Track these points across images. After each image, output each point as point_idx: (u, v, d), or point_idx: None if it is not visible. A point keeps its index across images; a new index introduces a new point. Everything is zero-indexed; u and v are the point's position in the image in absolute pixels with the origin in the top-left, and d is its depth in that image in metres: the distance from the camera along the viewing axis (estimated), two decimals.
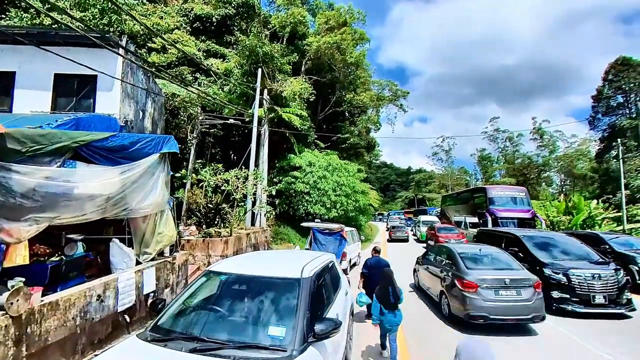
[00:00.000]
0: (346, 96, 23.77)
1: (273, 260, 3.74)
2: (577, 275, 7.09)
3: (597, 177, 46.73)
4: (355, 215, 19.31)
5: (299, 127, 17.35)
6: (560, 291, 7.06)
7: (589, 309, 6.82)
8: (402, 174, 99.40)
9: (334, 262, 4.37)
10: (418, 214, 44.41)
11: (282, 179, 17.75)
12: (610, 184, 40.66)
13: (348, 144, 25.65)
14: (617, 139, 42.99)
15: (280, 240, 16.26)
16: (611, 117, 46.60)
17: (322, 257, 3.94)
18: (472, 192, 21.70)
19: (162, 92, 14.57)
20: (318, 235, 10.91)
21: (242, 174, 10.53)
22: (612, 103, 46.54)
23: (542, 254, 7.97)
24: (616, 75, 45.72)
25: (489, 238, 10.60)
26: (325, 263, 3.86)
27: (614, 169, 40.38)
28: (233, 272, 3.15)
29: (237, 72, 19.16)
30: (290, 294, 2.84)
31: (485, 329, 5.78)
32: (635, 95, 44.89)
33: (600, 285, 6.93)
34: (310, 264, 3.32)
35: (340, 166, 18.87)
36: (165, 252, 6.86)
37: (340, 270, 4.57)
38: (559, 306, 6.97)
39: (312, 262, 3.45)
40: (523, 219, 15.91)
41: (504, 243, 9.25)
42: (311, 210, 17.05)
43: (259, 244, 12.88)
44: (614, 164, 40.78)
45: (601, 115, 48.10)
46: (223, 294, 3.05)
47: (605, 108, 47.14)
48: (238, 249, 10.95)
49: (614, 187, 39.49)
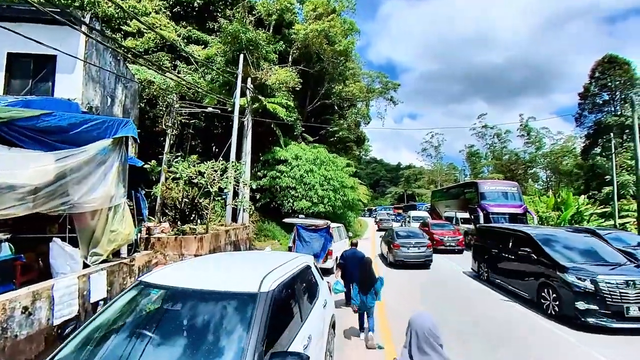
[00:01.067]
0: (335, 88, 22.97)
1: (229, 267, 2.95)
2: (607, 282, 5.97)
3: (582, 173, 47.37)
4: (343, 211, 18.59)
5: (285, 118, 16.51)
6: (586, 301, 5.94)
7: (623, 324, 5.73)
8: (392, 169, 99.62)
9: (310, 265, 3.64)
10: (407, 209, 44.20)
11: (267, 173, 16.91)
12: (595, 180, 41.21)
13: (337, 138, 24.90)
14: (602, 136, 43.72)
15: (264, 237, 15.47)
16: (597, 115, 47.17)
17: (293, 262, 3.20)
18: (463, 186, 21.23)
19: (135, 79, 13.50)
20: (302, 232, 10.18)
21: (219, 166, 9.66)
22: (598, 100, 47.06)
23: (561, 256, 6.85)
24: (603, 73, 46.18)
25: (492, 236, 9.65)
26: (298, 269, 3.11)
27: (599, 165, 40.95)
28: (170, 285, 2.38)
29: (220, 60, 18.14)
30: (242, 315, 2.10)
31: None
32: (621, 93, 45.43)
33: (635, 294, 5.82)
34: (275, 272, 2.58)
35: (328, 160, 18.11)
36: (123, 253, 6.02)
37: (318, 276, 3.85)
38: (586, 320, 5.86)
39: (278, 269, 2.71)
40: (515, 214, 15.54)
41: (512, 242, 8.31)
42: (297, 205, 16.28)
43: (239, 241, 12.07)
44: (599, 160, 41.32)
45: (587, 112, 48.65)
46: (153, 315, 2.27)
47: (591, 105, 47.69)
48: (215, 247, 10.13)
49: (598, 183, 40.04)
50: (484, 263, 9.81)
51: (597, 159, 41.72)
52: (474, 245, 11.03)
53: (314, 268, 3.79)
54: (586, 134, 47.53)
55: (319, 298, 3.42)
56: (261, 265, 2.83)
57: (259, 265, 2.83)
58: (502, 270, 8.67)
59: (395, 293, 8.36)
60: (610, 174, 38.05)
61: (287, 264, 3.00)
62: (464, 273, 11.15)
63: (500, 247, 8.87)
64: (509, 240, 8.50)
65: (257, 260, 3.33)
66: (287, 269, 2.84)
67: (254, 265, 2.92)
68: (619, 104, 45.56)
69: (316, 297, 3.40)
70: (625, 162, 36.27)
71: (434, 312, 6.62)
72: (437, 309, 7.09)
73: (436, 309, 7.15)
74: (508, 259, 8.40)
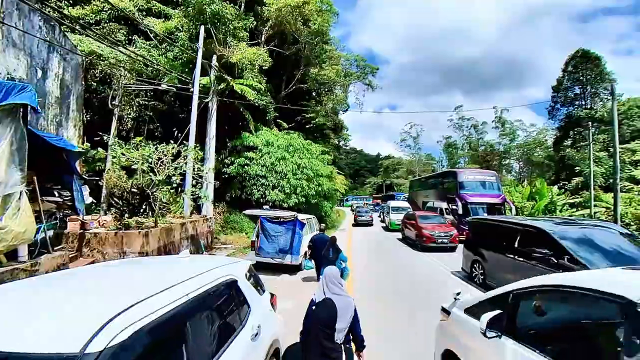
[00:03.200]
0: (311, 71, 21.67)
1: (69, 297, 1.71)
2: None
3: (553, 164, 48.85)
4: (318, 200, 17.59)
5: (254, 100, 15.19)
6: None
7: None
8: (372, 160, 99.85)
9: (237, 279, 2.58)
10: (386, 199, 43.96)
11: (235, 160, 15.61)
12: (565, 171, 42.51)
13: (313, 125, 23.72)
14: (573, 129, 45.00)
15: (231, 230, 14.30)
16: (569, 108, 48.44)
17: (205, 277, 2.15)
18: (441, 176, 20.68)
19: (78, 50, 11.74)
20: (267, 225, 9.13)
21: (168, 150, 8.36)
22: (570, 94, 48.26)
23: (591, 259, 5.12)
24: (575, 67, 47.27)
25: (490, 231, 8.01)
26: (204, 290, 2.05)
27: (570, 156, 42.19)
28: None
29: (183, 36, 16.44)
30: None
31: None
32: (591, 87, 46.72)
33: None
34: (140, 307, 1.52)
35: (302, 147, 17.00)
36: (22, 255, 4.75)
37: (253, 292, 2.81)
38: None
39: (155, 299, 1.65)
40: (493, 204, 15.13)
41: (519, 240, 6.61)
42: (268, 195, 15.15)
43: (199, 235, 10.87)
44: (569, 152, 42.55)
45: (560, 105, 49.90)
46: None
47: (563, 98, 48.86)
48: (167, 243, 8.91)
49: (568, 174, 41.33)
50: (478, 264, 8.25)
51: (567, 150, 42.93)
52: (465, 242, 9.39)
53: (246, 281, 2.75)
54: (558, 127, 48.84)
55: (245, 325, 2.41)
56: (138, 289, 1.73)
57: (130, 291, 1.74)
58: (503, 274, 6.81)
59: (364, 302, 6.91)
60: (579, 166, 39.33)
61: (185, 284, 1.95)
62: (453, 274, 9.47)
63: (502, 245, 7.19)
64: (513, 237, 6.80)
65: (143, 277, 2.20)
66: (177, 294, 1.79)
67: (123, 290, 1.81)
68: (590, 97, 46.93)
69: (242, 325, 2.39)
70: (594, 154, 37.43)
71: (410, 328, 5.32)
72: (414, 323, 5.47)
73: (414, 322, 5.56)
74: (513, 260, 6.67)
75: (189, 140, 11.64)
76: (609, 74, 45.51)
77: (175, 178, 8.10)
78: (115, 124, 11.44)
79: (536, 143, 55.21)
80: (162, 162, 8.17)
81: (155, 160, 8.00)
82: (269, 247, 8.97)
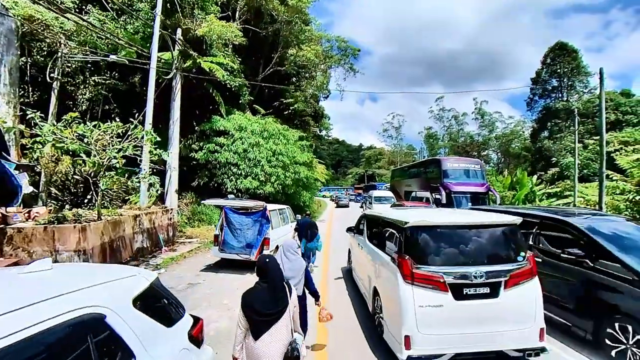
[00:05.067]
0: (290, 52, 20.28)
1: None
2: None
3: (530, 155, 49.82)
4: (296, 190, 16.51)
5: (224, 80, 13.84)
6: None
7: None
8: (354, 150, 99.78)
9: (99, 316, 1.52)
10: (368, 189, 43.46)
11: (204, 146, 14.27)
12: (541, 162, 43.35)
13: (292, 111, 22.43)
14: (550, 120, 45.84)
15: (199, 222, 13.07)
16: (546, 100, 49.27)
17: (20, 317, 1.14)
18: (424, 164, 19.90)
19: (10, 14, 9.99)
20: (232, 216, 8.03)
21: (112, 128, 7.04)
22: (548, 86, 49.01)
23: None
24: (553, 60, 47.92)
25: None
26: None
27: (547, 147, 42.98)
28: None
29: (145, 7, 14.73)
30: None
31: None
32: (568, 80, 47.58)
33: None
34: None
35: (278, 132, 15.78)
36: None
37: (141, 328, 1.75)
38: None
39: None
40: (478, 193, 14.59)
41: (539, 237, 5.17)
42: (241, 184, 13.96)
43: (158, 228, 9.63)
44: (546, 143, 43.34)
45: (538, 97, 50.75)
46: None
47: (541, 91, 49.61)
48: (114, 239, 7.67)
49: (544, 165, 42.16)
50: None
51: (545, 142, 43.70)
52: None
53: (132, 311, 1.68)
54: (536, 118, 49.64)
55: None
56: None
57: None
58: None
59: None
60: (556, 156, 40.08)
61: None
62: None
63: None
64: (535, 233, 5.30)
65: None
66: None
67: None
68: (566, 90, 47.87)
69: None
70: (569, 145, 38.20)
71: None
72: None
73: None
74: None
75: (146, 121, 10.26)
76: (585, 67, 46.51)
77: (116, 162, 6.82)
78: (55, 100, 9.88)
79: (514, 134, 56.23)
80: (103, 143, 6.85)
81: (92, 140, 6.67)
82: (235, 242, 7.91)
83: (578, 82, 47.18)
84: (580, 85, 47.68)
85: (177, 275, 7.44)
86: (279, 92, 23.96)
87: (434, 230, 3.72)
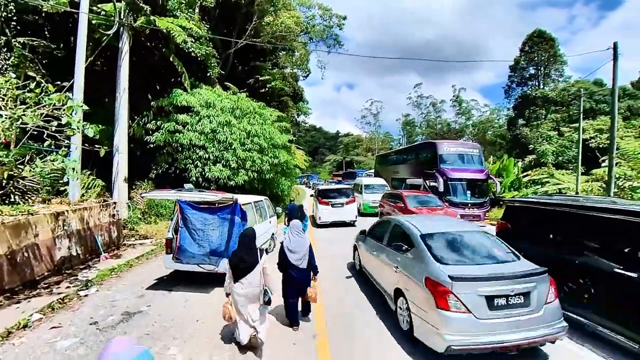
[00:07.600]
0: (265, 20, 17.78)
1: None
2: None
3: (505, 143, 50.43)
4: (274, 177, 14.40)
5: (190, 49, 11.42)
6: None
7: None
8: (331, 138, 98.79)
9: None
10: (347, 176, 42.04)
11: (163, 125, 11.83)
12: (516, 149, 43.74)
13: (269, 89, 20.06)
14: (527, 108, 46.17)
15: (156, 217, 10.80)
16: (523, 87, 49.68)
17: None
18: (416, 149, 18.24)
19: None
20: (189, 213, 5.97)
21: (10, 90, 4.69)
22: (526, 74, 49.38)
23: None
24: (531, 47, 48.05)
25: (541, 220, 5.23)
26: None
27: (524, 135, 43.31)
28: None
29: None
30: None
31: None
32: (545, 68, 48.01)
33: None
34: None
35: (253, 110, 13.52)
36: None
37: None
38: None
39: None
40: (477, 179, 13.29)
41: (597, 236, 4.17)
42: (209, 173, 11.73)
43: (94, 229, 7.37)
44: (524, 130, 43.65)
45: (515, 85, 51.07)
46: None
47: (519, 78, 49.94)
48: (14, 250, 5.41)
49: (519, 152, 42.54)
50: None
51: (522, 129, 43.99)
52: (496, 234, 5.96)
53: None
54: (513, 106, 49.97)
55: None
56: None
57: None
58: (574, 287, 4.38)
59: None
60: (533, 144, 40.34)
61: None
62: None
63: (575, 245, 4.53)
64: (594, 233, 4.25)
65: None
66: None
67: None
68: (542, 78, 48.32)
69: None
70: (546, 132, 38.51)
71: None
72: None
73: None
74: (589, 269, 4.21)
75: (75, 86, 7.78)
76: (561, 55, 47.00)
77: (10, 133, 4.54)
78: None
79: (490, 122, 57.00)
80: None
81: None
82: (195, 248, 5.87)
83: (554, 71, 47.80)
84: (556, 74, 48.38)
85: (111, 298, 5.36)
86: (254, 69, 21.43)
87: None
